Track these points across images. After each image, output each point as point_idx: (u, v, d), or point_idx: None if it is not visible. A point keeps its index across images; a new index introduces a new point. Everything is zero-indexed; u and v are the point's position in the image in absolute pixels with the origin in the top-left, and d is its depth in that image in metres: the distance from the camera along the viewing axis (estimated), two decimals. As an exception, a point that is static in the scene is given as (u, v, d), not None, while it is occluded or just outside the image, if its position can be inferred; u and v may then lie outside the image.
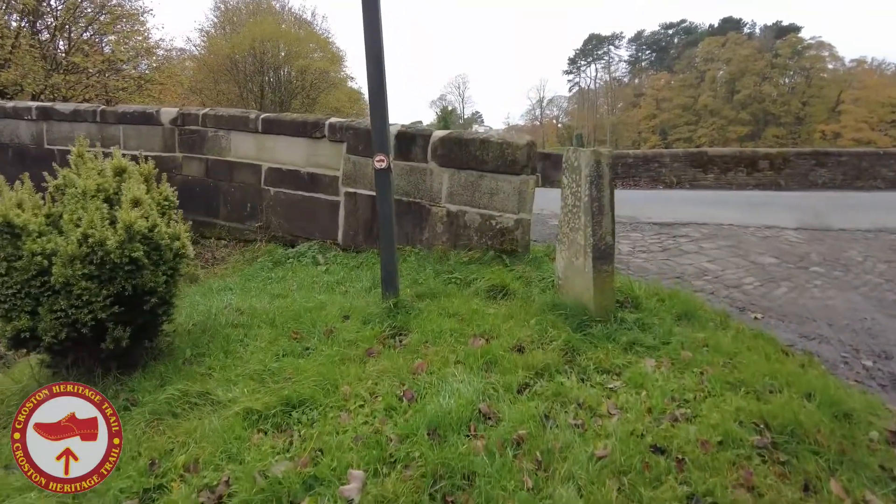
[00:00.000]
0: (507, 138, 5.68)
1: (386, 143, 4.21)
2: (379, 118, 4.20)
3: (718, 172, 18.28)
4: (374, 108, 4.20)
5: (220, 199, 7.89)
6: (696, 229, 8.46)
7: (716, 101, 62.67)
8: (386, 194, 4.22)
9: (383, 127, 4.20)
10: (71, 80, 20.66)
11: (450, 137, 5.92)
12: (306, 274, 5.83)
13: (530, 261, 5.62)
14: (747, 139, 59.81)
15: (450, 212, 6.00)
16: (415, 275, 5.40)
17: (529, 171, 5.65)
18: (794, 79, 61.95)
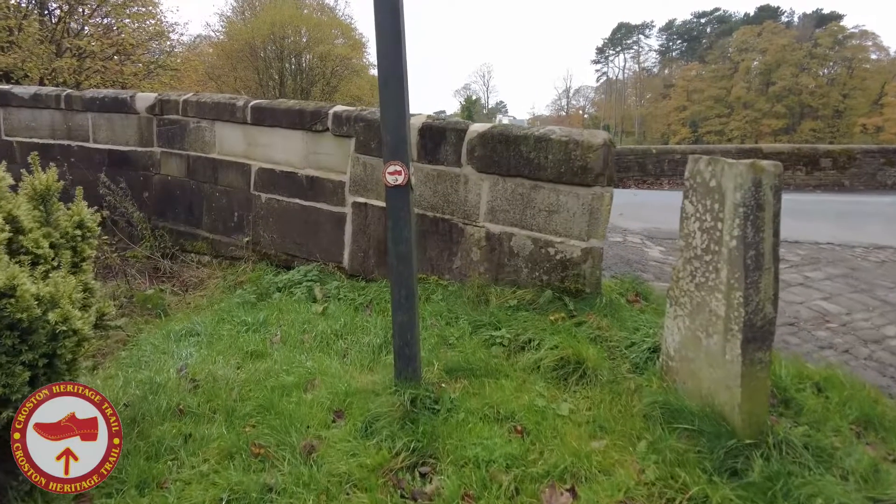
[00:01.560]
0: (574, 135, 4.11)
1: (404, 145, 2.69)
2: (393, 104, 2.67)
3: (774, 171, 16.34)
4: (386, 87, 2.67)
5: (202, 206, 6.44)
6: (790, 249, 6.79)
7: (749, 93, 60.06)
8: (402, 227, 2.72)
9: (399, 117, 2.68)
10: (75, 64, 19.46)
11: (492, 133, 4.37)
12: (297, 316, 4.35)
13: (604, 307, 4.07)
14: (782, 133, 57.31)
15: (490, 234, 4.47)
16: (442, 327, 3.88)
17: (605, 181, 4.08)
18: (835, 70, 59.04)
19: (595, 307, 4.11)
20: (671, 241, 7.10)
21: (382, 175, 2.71)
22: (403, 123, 2.70)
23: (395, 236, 2.74)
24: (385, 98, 2.69)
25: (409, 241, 2.72)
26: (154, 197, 6.88)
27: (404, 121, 2.70)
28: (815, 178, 16.44)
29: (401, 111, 2.68)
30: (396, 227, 2.73)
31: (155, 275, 6.29)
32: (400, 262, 2.78)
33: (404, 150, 2.69)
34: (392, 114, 2.68)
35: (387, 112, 2.69)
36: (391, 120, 2.69)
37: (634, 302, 4.47)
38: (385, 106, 2.70)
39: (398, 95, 2.66)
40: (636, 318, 3.98)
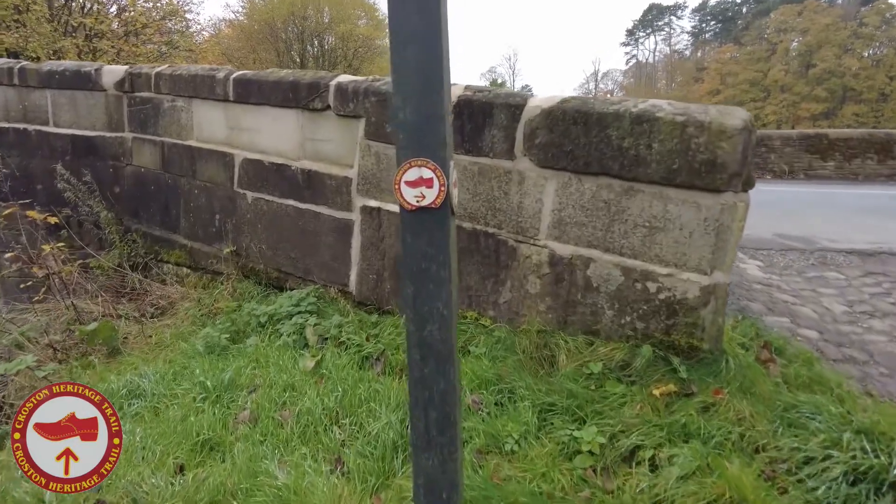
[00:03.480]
0: (694, 114, 2.69)
1: (438, 126, 1.33)
2: (418, 48, 1.31)
3: (841, 160, 14.67)
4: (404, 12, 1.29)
5: (180, 206, 5.16)
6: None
7: (788, 76, 57.13)
8: (433, 294, 1.40)
9: (430, 74, 1.32)
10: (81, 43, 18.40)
11: (564, 110, 2.97)
12: (278, 374, 3.04)
13: (732, 375, 2.68)
14: (822, 118, 54.44)
15: (556, 257, 3.09)
16: (490, 408, 2.53)
17: (741, 184, 2.66)
18: (881, 51, 55.73)
19: (720, 376, 2.72)
20: (767, 251, 5.62)
21: (395, 187, 1.34)
22: (437, 86, 1.33)
23: (420, 311, 1.39)
24: (400, 37, 1.31)
25: (447, 322, 1.36)
26: (126, 193, 5.63)
27: (439, 80, 1.33)
28: (888, 167, 14.63)
29: (433, 60, 1.31)
30: (424, 293, 1.39)
31: (121, 291, 5.05)
32: (429, 360, 1.43)
33: (439, 134, 1.33)
34: (413, 66, 1.31)
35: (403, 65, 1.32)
36: (411, 81, 1.31)
37: (768, 362, 3.06)
38: (401, 52, 1.32)
39: (431, 31, 1.29)
40: (786, 398, 2.58)
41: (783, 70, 57.39)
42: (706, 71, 63.85)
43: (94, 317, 4.29)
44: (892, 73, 53.45)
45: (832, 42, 55.11)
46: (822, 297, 4.43)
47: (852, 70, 54.45)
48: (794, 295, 4.43)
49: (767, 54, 59.36)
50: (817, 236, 6.12)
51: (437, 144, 1.33)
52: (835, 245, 5.76)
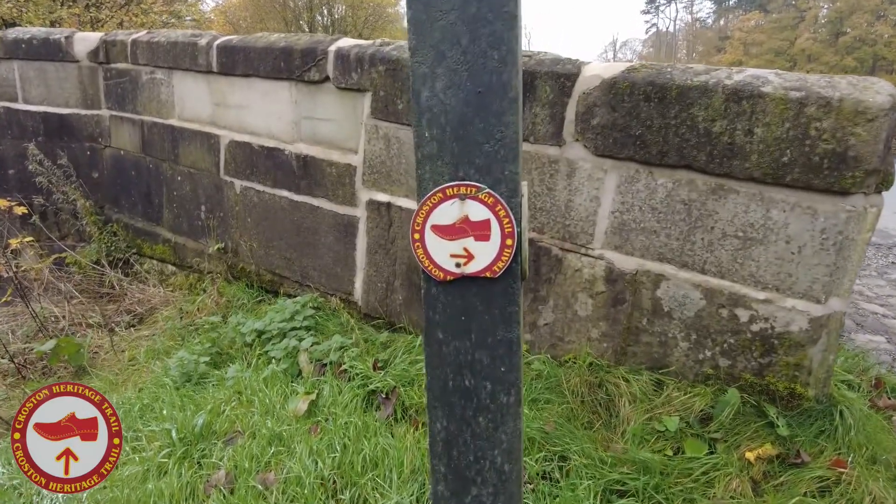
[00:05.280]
0: (816, 88, 1.97)
1: (508, 110, 0.65)
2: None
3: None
4: None
5: (162, 195, 4.53)
6: None
7: (815, 45, 54.90)
8: (495, 419, 0.71)
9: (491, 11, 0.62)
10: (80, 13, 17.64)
11: (633, 81, 2.26)
12: (263, 419, 2.42)
13: (853, 438, 2.03)
14: (849, 89, 52.33)
15: (615, 271, 2.42)
16: (535, 482, 1.90)
17: (875, 185, 1.96)
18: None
19: (834, 435, 2.07)
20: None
21: (414, 236, 0.68)
22: (503, 33, 0.66)
23: (459, 466, 0.76)
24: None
25: (506, 488, 0.71)
26: (106, 179, 5.01)
27: (508, 19, 0.66)
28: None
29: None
30: (466, 435, 0.73)
31: (99, 292, 4.47)
32: None
33: (506, 132, 0.65)
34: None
35: None
36: (450, 25, 0.64)
37: (889, 409, 2.39)
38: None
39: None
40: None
41: (811, 38, 55.14)
42: (729, 40, 61.69)
43: (61, 327, 3.71)
44: (926, 42, 51.16)
45: (864, 8, 52.73)
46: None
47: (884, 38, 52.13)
48: (882, 304, 3.72)
49: (795, 22, 57.08)
50: (893, 228, 5.36)
51: (502, 151, 0.66)
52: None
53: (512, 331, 0.75)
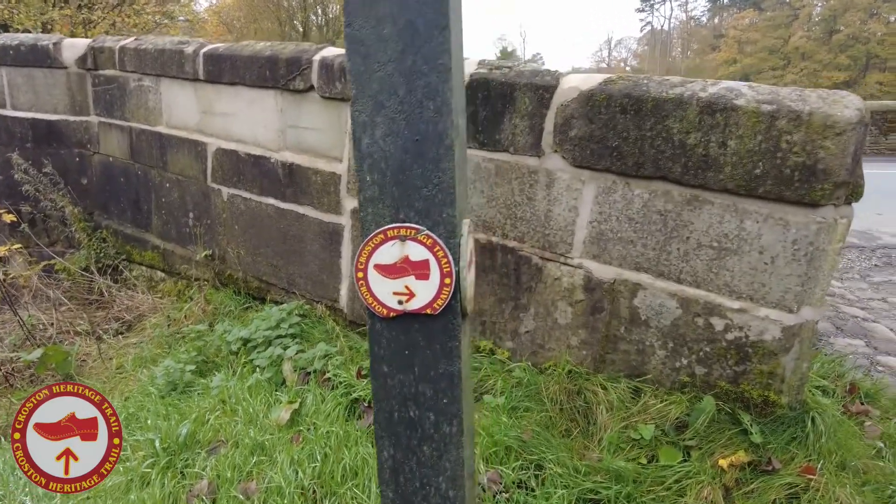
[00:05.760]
0: (786, 100, 2.01)
1: (447, 153, 0.67)
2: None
3: (877, 133, 13.82)
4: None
5: (151, 201, 4.54)
6: None
7: (809, 43, 55.03)
8: (439, 448, 0.75)
9: (440, 29, 0.64)
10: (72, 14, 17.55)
11: (609, 93, 2.29)
12: (247, 428, 2.45)
13: (821, 441, 2.08)
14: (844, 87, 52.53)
15: (593, 280, 2.45)
16: (510, 490, 1.93)
17: (844, 196, 2.00)
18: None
19: (805, 442, 2.11)
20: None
21: (358, 274, 0.70)
22: (440, 75, 0.68)
23: (406, 492, 0.76)
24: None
25: None
26: (95, 185, 5.02)
27: (441, 58, 0.69)
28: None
29: (435, 13, 0.67)
30: (412, 463, 0.75)
31: (88, 298, 4.48)
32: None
33: (443, 174, 0.68)
34: (390, 30, 0.66)
35: (368, 31, 0.68)
36: (384, 65, 0.68)
37: (861, 415, 2.43)
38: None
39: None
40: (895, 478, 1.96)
41: (805, 37, 55.28)
42: (723, 39, 61.80)
43: (49, 335, 3.72)
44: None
45: (857, 6, 52.90)
46: (895, 310, 3.77)
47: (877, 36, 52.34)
48: (863, 307, 3.77)
49: (789, 20, 57.19)
50: (876, 230, 5.41)
51: (440, 195, 0.69)
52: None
53: (453, 364, 0.78)
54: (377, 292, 0.75)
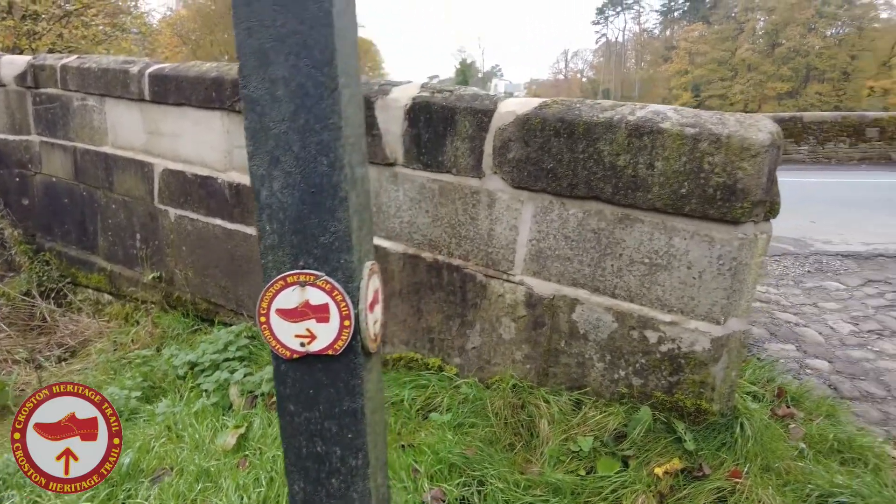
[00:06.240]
0: (708, 124, 2.13)
1: (341, 203, 0.72)
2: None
3: (814, 143, 14.52)
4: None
5: (97, 223, 4.44)
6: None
7: (754, 56, 57.51)
8: (347, 481, 0.80)
9: (329, 79, 0.72)
10: (13, 24, 16.96)
11: (544, 118, 2.38)
12: (192, 454, 2.42)
13: (748, 446, 2.19)
14: (787, 97, 55.19)
15: (535, 297, 2.53)
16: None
17: (763, 213, 2.14)
18: (843, 30, 56.49)
19: (735, 447, 2.22)
20: (759, 256, 5.15)
21: (260, 319, 0.74)
22: (332, 124, 0.73)
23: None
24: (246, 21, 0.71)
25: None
26: (37, 206, 4.87)
27: (332, 110, 0.73)
28: (859, 150, 14.53)
29: (324, 62, 0.71)
30: (321, 497, 0.77)
31: (30, 324, 4.33)
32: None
33: (338, 222, 0.73)
34: (286, 84, 0.71)
35: (261, 81, 0.72)
36: (282, 116, 0.71)
37: (787, 417, 2.57)
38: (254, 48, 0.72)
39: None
40: (820, 481, 2.09)
41: (750, 49, 57.73)
42: (675, 50, 63.97)
43: None
44: (853, 52, 54.29)
45: (797, 21, 55.61)
46: (825, 315, 3.98)
47: (816, 49, 55.14)
48: (796, 313, 3.97)
49: (735, 33, 59.64)
50: (810, 237, 5.71)
51: (336, 243, 0.73)
52: (830, 248, 5.35)
53: (356, 401, 0.82)
54: (280, 335, 0.79)
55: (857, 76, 54.22)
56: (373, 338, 0.82)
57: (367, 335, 0.80)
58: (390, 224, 2.87)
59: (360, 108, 0.82)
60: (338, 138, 0.75)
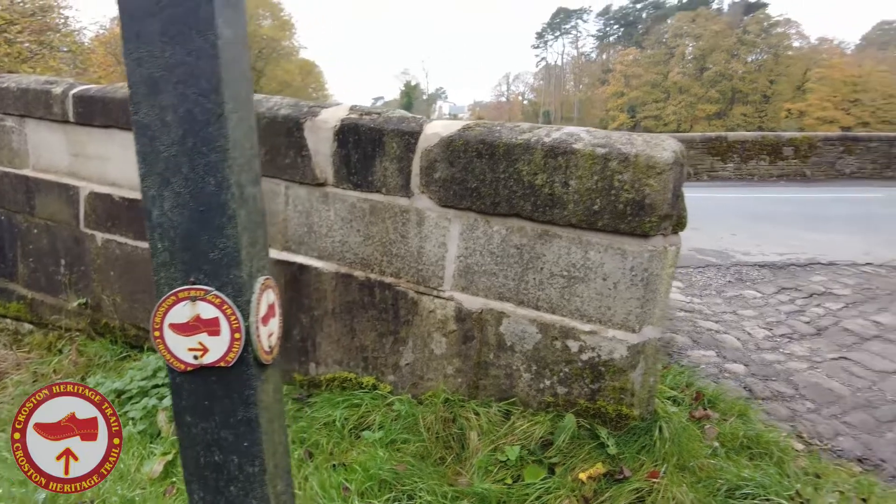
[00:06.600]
0: (617, 145, 2.28)
1: (231, 221, 0.78)
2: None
3: (739, 161, 15.43)
4: None
5: (17, 248, 4.24)
6: (833, 278, 5.27)
7: (685, 79, 60.71)
8: (245, 489, 0.81)
9: (215, 100, 0.79)
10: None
11: (467, 139, 2.48)
12: (116, 484, 2.34)
13: (666, 448, 2.32)
14: (715, 118, 58.47)
15: (464, 311, 2.60)
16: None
17: (671, 227, 2.29)
18: (762, 56, 60.55)
19: (654, 449, 2.34)
20: (685, 270, 5.45)
21: (154, 333, 0.77)
22: (219, 143, 0.78)
23: None
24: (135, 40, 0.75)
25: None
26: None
27: (220, 131, 0.78)
28: (778, 167, 15.55)
29: (210, 88, 0.77)
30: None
31: (-61, 357, 4.06)
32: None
33: (227, 239, 0.77)
34: (175, 106, 0.76)
35: (151, 106, 0.77)
36: (168, 137, 0.76)
37: (703, 419, 2.73)
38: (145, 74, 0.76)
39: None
40: (729, 476, 2.24)
41: (680, 73, 60.94)
42: (611, 73, 66.72)
43: None
44: (771, 77, 58.31)
45: (721, 47, 59.23)
46: (743, 322, 4.25)
47: (739, 73, 58.87)
48: (717, 321, 4.21)
49: (666, 58, 62.83)
50: (731, 249, 6.07)
51: (226, 259, 0.78)
52: (749, 259, 5.70)
53: (250, 411, 0.86)
54: (173, 349, 0.82)
55: (776, 99, 58.23)
56: (266, 350, 0.86)
57: (259, 347, 0.84)
58: (322, 244, 2.90)
59: (251, 132, 0.88)
60: (225, 160, 0.80)
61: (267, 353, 0.86)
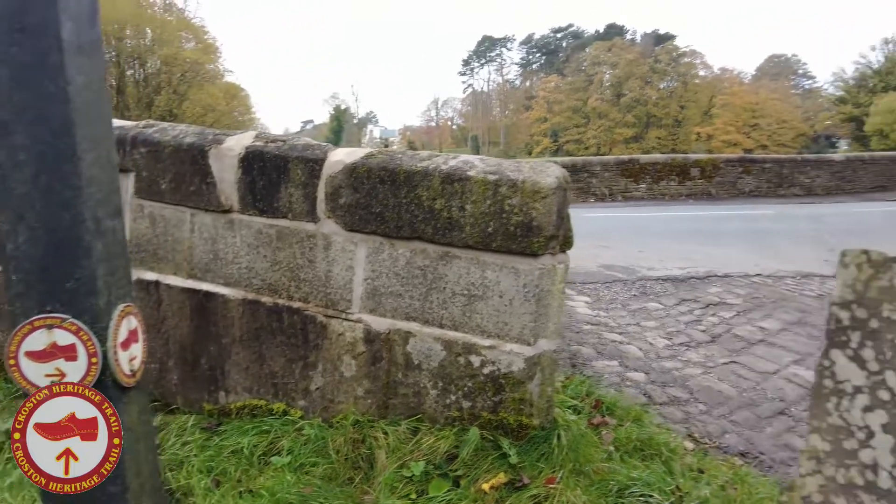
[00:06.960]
0: (507, 173, 2.44)
1: (87, 252, 0.83)
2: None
3: (651, 182, 16.42)
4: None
5: None
6: (728, 289, 5.73)
7: (604, 104, 64.02)
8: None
9: (67, 126, 0.84)
10: None
11: (369, 167, 2.58)
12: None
13: (564, 454, 2.46)
14: (632, 141, 61.99)
15: (372, 333, 2.67)
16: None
17: (559, 246, 2.47)
18: (672, 84, 64.93)
19: (552, 456, 2.48)
20: (593, 285, 5.76)
21: (10, 361, 0.81)
22: (73, 175, 0.83)
23: None
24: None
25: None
26: None
27: (72, 159, 0.83)
28: (686, 187, 16.66)
29: (61, 111, 0.81)
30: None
31: None
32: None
33: (83, 269, 0.82)
34: (24, 137, 0.80)
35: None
36: (20, 166, 0.80)
37: (601, 425, 2.91)
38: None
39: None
40: (620, 477, 2.41)
41: (599, 99, 64.27)
42: (535, 100, 69.33)
43: None
44: (682, 103, 62.62)
45: (636, 75, 63.07)
46: (646, 332, 4.54)
47: (653, 99, 62.85)
48: (621, 332, 4.49)
49: (586, 84, 66.08)
50: (637, 265, 6.47)
51: (81, 288, 0.82)
52: (653, 273, 6.10)
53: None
54: (30, 376, 0.84)
55: (687, 123, 62.53)
56: (127, 373, 0.90)
57: (118, 371, 0.88)
58: (228, 270, 2.89)
59: (110, 168, 0.93)
60: (79, 196, 0.85)
61: (128, 376, 0.90)
